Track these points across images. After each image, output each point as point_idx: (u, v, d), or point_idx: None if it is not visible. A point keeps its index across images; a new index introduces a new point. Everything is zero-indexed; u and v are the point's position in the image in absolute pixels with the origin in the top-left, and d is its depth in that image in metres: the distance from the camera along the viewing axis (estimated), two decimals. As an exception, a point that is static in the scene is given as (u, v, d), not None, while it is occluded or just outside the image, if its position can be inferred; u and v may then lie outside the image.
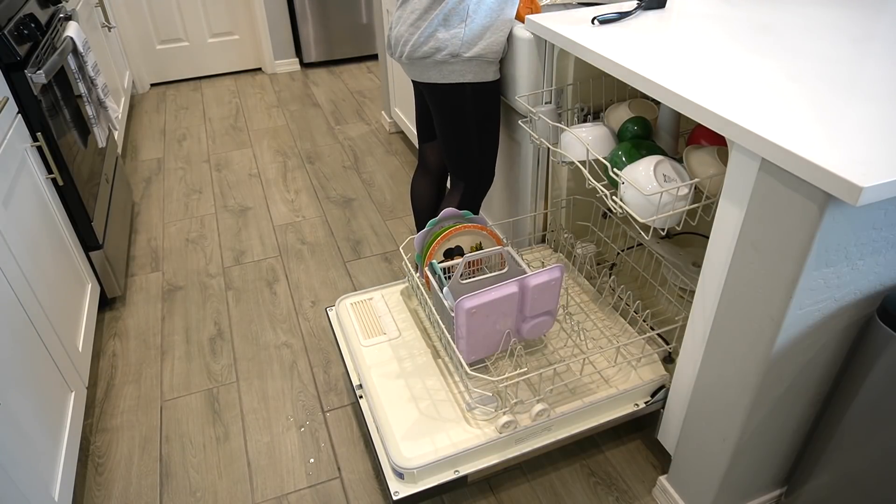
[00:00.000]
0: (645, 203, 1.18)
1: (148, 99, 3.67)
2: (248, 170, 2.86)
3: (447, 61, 1.45)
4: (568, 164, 1.44)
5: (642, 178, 1.18)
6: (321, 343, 1.89)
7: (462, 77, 1.48)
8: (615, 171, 1.25)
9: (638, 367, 1.40)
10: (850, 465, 1.12)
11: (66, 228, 1.79)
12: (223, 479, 1.51)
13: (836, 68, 1.10)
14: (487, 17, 1.43)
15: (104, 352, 1.89)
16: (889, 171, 0.80)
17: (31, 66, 1.63)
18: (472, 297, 1.24)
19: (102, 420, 1.67)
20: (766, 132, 0.90)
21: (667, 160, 1.20)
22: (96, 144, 2.11)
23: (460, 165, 1.64)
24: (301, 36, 3.85)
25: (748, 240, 0.99)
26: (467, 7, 1.41)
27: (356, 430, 1.62)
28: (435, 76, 1.49)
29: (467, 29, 1.42)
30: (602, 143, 1.37)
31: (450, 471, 1.24)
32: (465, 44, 1.43)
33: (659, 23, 1.37)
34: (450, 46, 1.43)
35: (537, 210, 1.74)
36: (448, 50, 1.44)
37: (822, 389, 1.16)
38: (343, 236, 2.37)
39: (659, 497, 1.41)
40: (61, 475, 1.34)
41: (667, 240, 1.78)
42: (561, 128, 1.40)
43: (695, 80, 1.08)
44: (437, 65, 1.47)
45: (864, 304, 1.04)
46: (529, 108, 1.47)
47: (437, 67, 1.47)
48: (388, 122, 3.11)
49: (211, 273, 2.20)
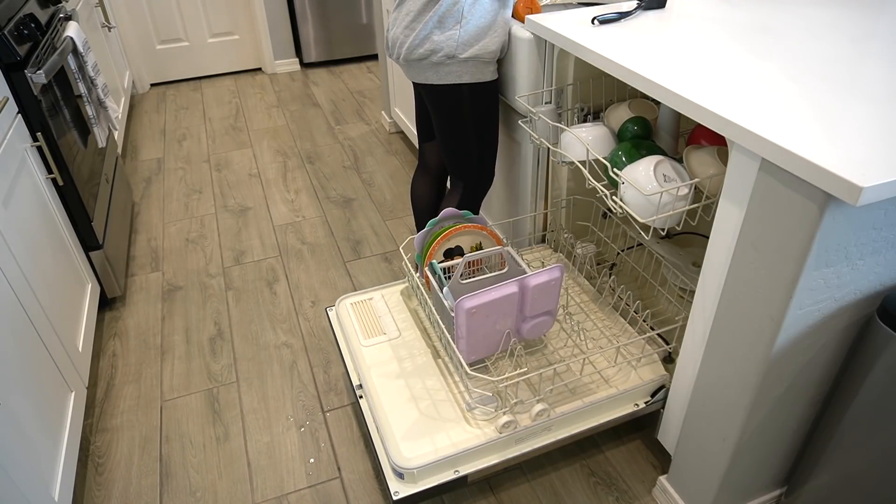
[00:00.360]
0: (645, 203, 1.18)
1: (148, 99, 3.67)
2: (248, 170, 2.86)
3: (443, 62, 1.45)
4: (568, 164, 1.44)
5: (642, 178, 1.18)
6: (321, 343, 1.89)
7: (459, 78, 1.48)
8: (615, 171, 1.25)
9: (638, 367, 1.40)
10: (850, 465, 1.12)
11: (66, 228, 1.79)
12: (223, 479, 1.51)
13: (836, 68, 1.10)
14: (483, 19, 1.43)
15: (104, 352, 1.89)
16: (889, 171, 0.80)
17: (31, 66, 1.63)
18: (472, 297, 1.24)
19: (102, 420, 1.67)
20: (766, 132, 0.90)
21: (667, 160, 1.20)
22: (96, 144, 2.11)
23: (459, 165, 1.64)
24: (301, 36, 3.85)
25: (748, 240, 0.99)
26: (461, 9, 1.41)
27: (356, 430, 1.62)
28: (432, 77, 1.49)
29: (462, 30, 1.42)
30: (602, 143, 1.37)
31: (450, 471, 1.24)
32: (460, 45, 1.43)
33: (659, 23, 1.37)
34: (445, 48, 1.43)
35: (537, 210, 1.74)
36: (444, 52, 1.44)
37: (822, 389, 1.16)
38: (343, 236, 2.37)
39: (659, 497, 1.41)
40: (61, 475, 1.34)
41: (667, 240, 1.78)
42: (561, 128, 1.40)
43: (695, 80, 1.08)
44: (434, 66, 1.47)
45: (864, 304, 1.04)
46: (529, 108, 1.47)
47: (434, 69, 1.47)
48: (388, 122, 3.11)
49: (211, 273, 2.20)
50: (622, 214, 1.24)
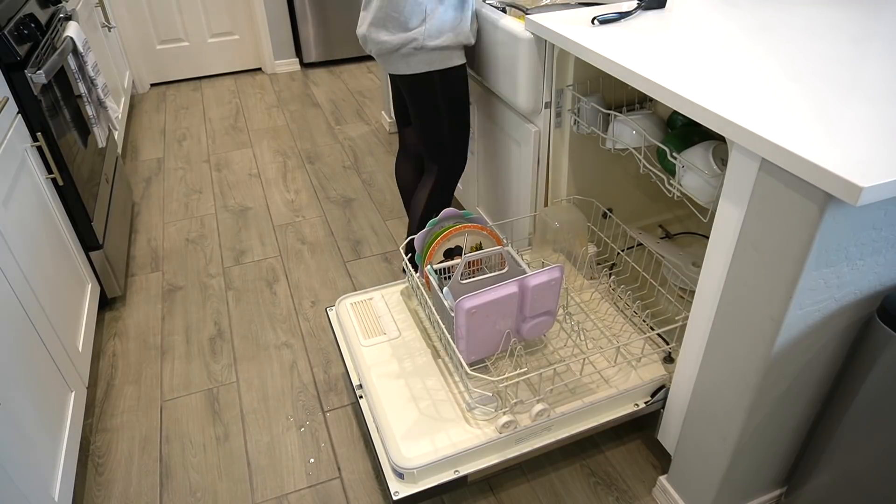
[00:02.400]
0: (705, 186, 1.21)
1: (148, 99, 3.67)
2: (248, 170, 2.86)
3: (413, 54, 1.52)
4: (620, 150, 1.49)
5: (701, 162, 1.22)
6: (321, 343, 1.89)
7: (429, 66, 1.54)
8: (674, 156, 1.27)
9: (638, 367, 1.40)
10: (850, 465, 1.12)
11: (66, 228, 1.79)
12: (223, 479, 1.51)
13: (836, 68, 1.10)
14: (447, 13, 1.50)
15: (104, 352, 1.89)
16: (889, 171, 0.80)
17: (31, 66, 1.63)
18: (472, 297, 1.24)
19: (102, 420, 1.67)
20: (766, 132, 0.90)
21: (721, 144, 1.23)
22: (96, 144, 2.11)
23: (433, 149, 1.71)
24: (301, 36, 3.85)
25: (748, 240, 0.99)
26: (424, 7, 1.47)
27: (356, 430, 1.62)
28: (403, 68, 1.56)
29: (428, 25, 1.48)
30: (653, 131, 1.42)
31: (450, 471, 1.24)
32: (427, 37, 1.49)
33: (659, 23, 1.37)
34: (413, 42, 1.50)
35: (537, 210, 1.74)
36: (412, 44, 1.50)
37: (822, 389, 1.16)
38: (343, 236, 2.37)
39: (659, 497, 1.41)
40: (61, 475, 1.34)
41: (667, 240, 1.78)
42: (615, 115, 1.44)
43: (695, 79, 1.08)
44: (404, 57, 1.53)
45: (864, 304, 1.04)
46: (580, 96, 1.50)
47: (405, 59, 1.54)
48: (388, 122, 3.11)
49: (211, 273, 2.20)
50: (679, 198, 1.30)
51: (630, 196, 1.82)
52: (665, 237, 1.83)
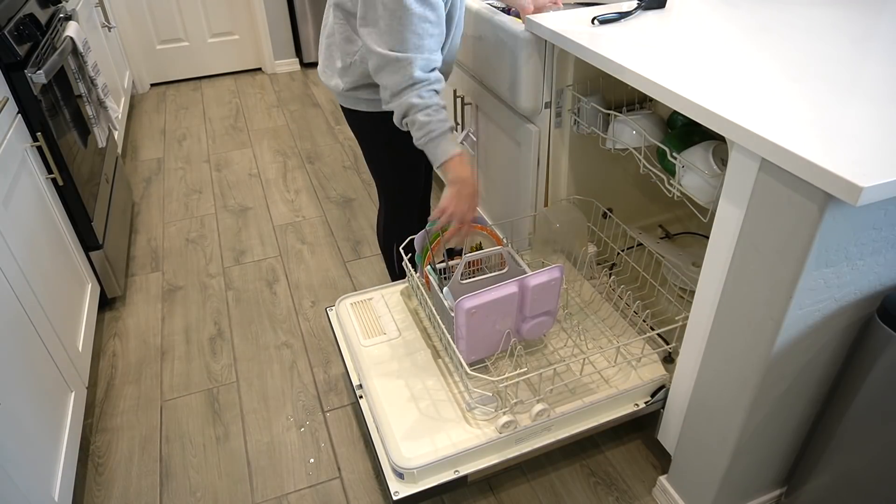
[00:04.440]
0: (705, 186, 1.21)
1: (148, 99, 3.67)
2: (248, 170, 2.86)
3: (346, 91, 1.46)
4: (620, 150, 1.48)
5: (701, 162, 1.22)
6: (321, 343, 1.89)
7: (356, 105, 1.48)
8: (674, 156, 1.27)
9: (638, 367, 1.40)
10: (850, 465, 1.12)
11: (66, 228, 1.79)
12: (223, 480, 1.51)
13: (836, 68, 1.10)
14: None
15: (104, 352, 1.89)
16: (889, 171, 0.80)
17: (31, 66, 1.63)
18: (472, 297, 1.24)
19: (102, 420, 1.67)
20: (766, 132, 0.90)
21: (721, 144, 1.23)
22: (96, 144, 2.11)
23: (378, 185, 1.66)
24: (301, 36, 3.85)
25: (748, 240, 0.99)
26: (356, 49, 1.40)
27: (356, 430, 1.62)
28: (341, 100, 1.51)
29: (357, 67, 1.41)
30: (653, 131, 1.41)
31: (450, 471, 1.24)
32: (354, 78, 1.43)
33: (659, 23, 1.37)
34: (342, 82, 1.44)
35: (537, 210, 1.74)
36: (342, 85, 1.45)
37: (822, 389, 1.16)
38: (343, 236, 2.37)
39: (659, 497, 1.41)
40: (61, 475, 1.34)
41: (667, 240, 1.78)
42: (615, 115, 1.44)
43: (695, 79, 1.08)
44: (341, 94, 1.48)
45: (864, 304, 1.04)
46: (580, 96, 1.49)
47: (342, 95, 1.49)
48: (388, 122, 3.10)
49: (211, 273, 2.20)
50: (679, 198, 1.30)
51: (630, 196, 1.82)
52: (665, 237, 1.83)
